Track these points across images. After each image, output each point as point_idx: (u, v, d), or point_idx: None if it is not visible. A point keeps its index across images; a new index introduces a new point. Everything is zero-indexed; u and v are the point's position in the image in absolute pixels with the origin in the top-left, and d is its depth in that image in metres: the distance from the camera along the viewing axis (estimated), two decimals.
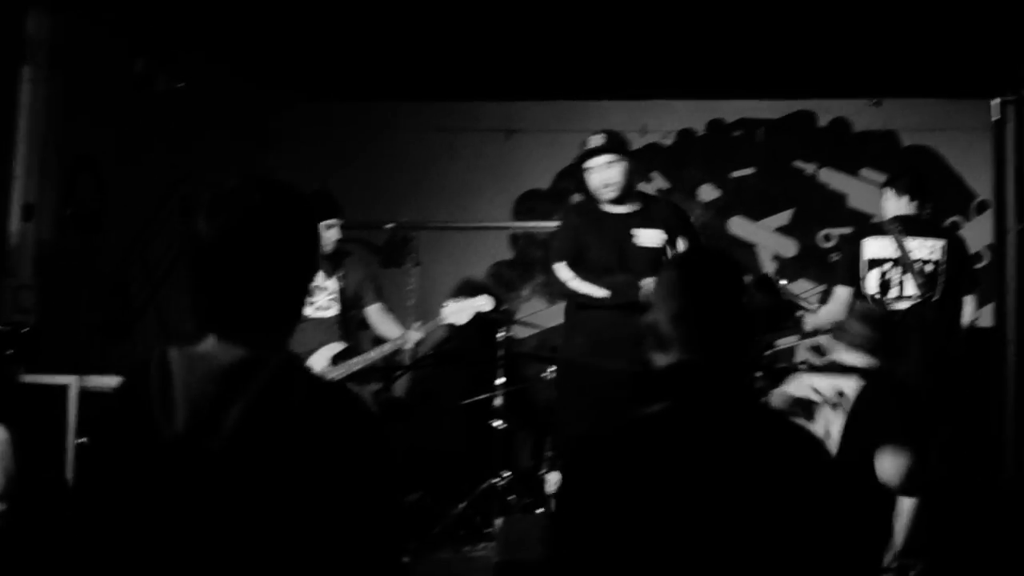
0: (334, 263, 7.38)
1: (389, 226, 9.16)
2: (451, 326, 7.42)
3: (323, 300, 7.37)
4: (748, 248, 10.29)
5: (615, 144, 6.66)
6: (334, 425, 2.16)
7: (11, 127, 7.33)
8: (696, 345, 2.70)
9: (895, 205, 6.78)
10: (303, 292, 2.35)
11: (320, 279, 7.41)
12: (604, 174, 6.58)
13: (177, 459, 2.12)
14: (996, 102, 7.04)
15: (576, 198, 8.31)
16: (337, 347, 7.25)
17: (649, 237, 6.60)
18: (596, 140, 6.67)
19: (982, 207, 9.88)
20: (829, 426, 4.82)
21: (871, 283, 6.60)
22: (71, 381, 6.53)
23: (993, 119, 7.23)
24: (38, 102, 7.39)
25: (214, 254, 2.22)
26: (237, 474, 2.10)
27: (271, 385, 2.15)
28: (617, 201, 6.63)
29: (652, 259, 6.47)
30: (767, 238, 10.31)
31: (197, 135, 9.05)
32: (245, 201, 2.26)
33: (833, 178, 10.36)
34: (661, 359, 2.72)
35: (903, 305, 6.46)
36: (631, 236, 6.60)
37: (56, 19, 7.43)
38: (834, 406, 4.84)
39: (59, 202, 7.64)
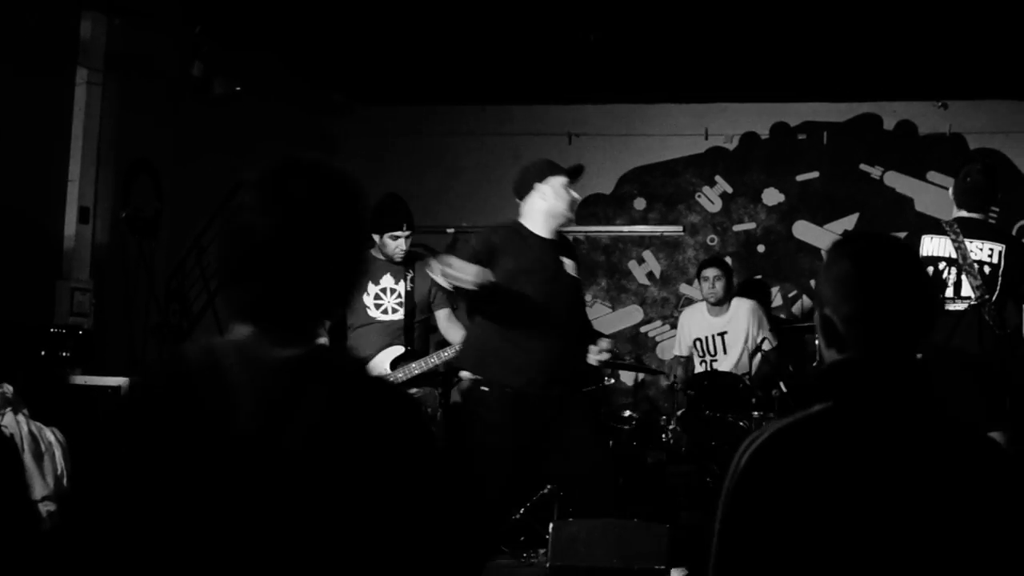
0: (404, 267, 7.29)
1: (451, 230, 9.10)
2: None
3: (390, 303, 7.33)
4: (813, 252, 10.14)
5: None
6: (398, 424, 2.16)
7: (66, 130, 7.38)
8: (877, 343, 2.47)
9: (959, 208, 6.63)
10: (352, 282, 2.27)
11: (389, 283, 7.37)
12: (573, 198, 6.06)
13: (248, 456, 2.05)
14: None
15: None
16: (398, 351, 7.20)
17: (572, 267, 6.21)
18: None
19: None
20: None
21: None
22: (125, 383, 6.55)
23: None
24: (92, 105, 7.43)
25: (268, 248, 2.12)
26: (314, 473, 2.06)
27: (342, 385, 2.14)
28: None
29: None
30: (832, 242, 10.13)
31: (255, 138, 9.05)
32: (299, 192, 2.16)
33: (899, 181, 10.20)
34: (831, 356, 2.55)
35: (960, 306, 6.30)
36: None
37: (111, 22, 7.47)
38: None
39: (115, 205, 7.68)
